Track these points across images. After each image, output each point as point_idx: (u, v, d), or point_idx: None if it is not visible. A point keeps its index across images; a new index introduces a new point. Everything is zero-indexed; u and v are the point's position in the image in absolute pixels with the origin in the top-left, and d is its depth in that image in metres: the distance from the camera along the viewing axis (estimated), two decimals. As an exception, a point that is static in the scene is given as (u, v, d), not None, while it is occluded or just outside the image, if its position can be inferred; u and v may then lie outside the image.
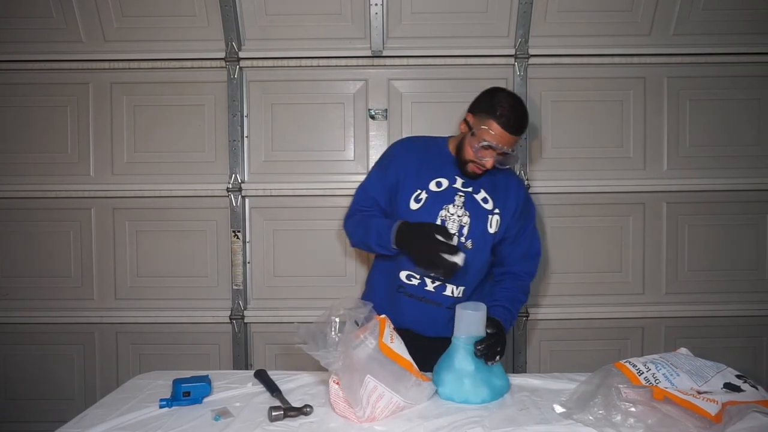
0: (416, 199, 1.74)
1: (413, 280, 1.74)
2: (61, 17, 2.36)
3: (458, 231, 1.72)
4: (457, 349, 1.47)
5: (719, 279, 2.47)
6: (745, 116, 2.45)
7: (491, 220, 1.75)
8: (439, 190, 1.74)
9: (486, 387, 1.43)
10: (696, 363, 1.35)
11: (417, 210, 1.72)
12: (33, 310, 2.44)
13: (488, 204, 1.75)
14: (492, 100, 1.70)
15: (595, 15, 2.38)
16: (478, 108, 1.72)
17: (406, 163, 1.77)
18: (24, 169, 2.43)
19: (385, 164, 1.81)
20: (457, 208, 1.73)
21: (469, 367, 1.44)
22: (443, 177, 1.75)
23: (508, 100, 1.69)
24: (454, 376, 1.44)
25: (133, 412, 1.35)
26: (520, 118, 1.69)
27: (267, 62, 2.40)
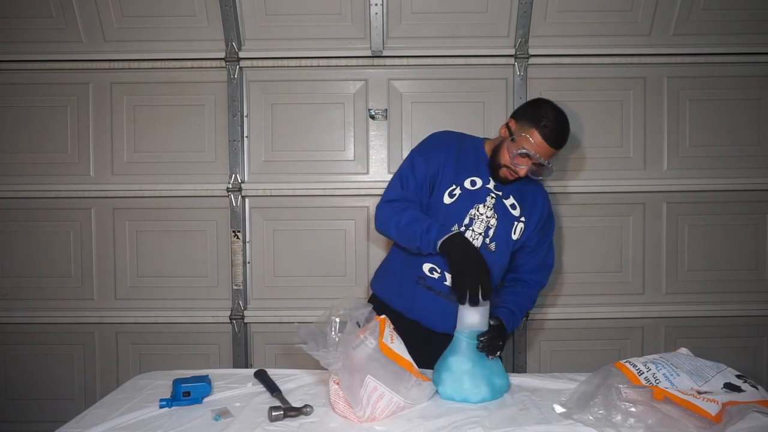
0: (450, 194, 1.74)
1: (435, 273, 1.75)
2: (61, 17, 2.36)
3: (484, 232, 1.73)
4: (458, 342, 1.47)
5: (719, 279, 2.47)
6: (745, 116, 2.45)
7: (516, 227, 1.77)
8: (473, 189, 1.75)
9: (486, 386, 1.43)
10: (696, 363, 1.35)
11: (450, 205, 1.74)
12: (33, 310, 2.44)
13: (516, 210, 1.77)
14: (538, 110, 1.71)
15: (595, 15, 2.38)
16: (522, 115, 1.73)
17: (447, 154, 1.76)
18: (24, 169, 2.43)
19: (427, 151, 1.79)
20: (486, 209, 1.75)
21: (468, 366, 1.44)
22: (478, 176, 1.76)
23: (553, 113, 1.70)
24: (453, 375, 1.44)
25: (133, 412, 1.35)
26: (562, 131, 1.70)
27: (267, 62, 2.40)
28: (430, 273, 1.75)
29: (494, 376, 1.46)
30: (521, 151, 1.67)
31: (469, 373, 1.44)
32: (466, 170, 1.76)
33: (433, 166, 1.75)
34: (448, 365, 1.47)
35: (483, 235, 1.74)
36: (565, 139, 1.72)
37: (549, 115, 1.68)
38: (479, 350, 1.46)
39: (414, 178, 1.74)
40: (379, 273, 1.93)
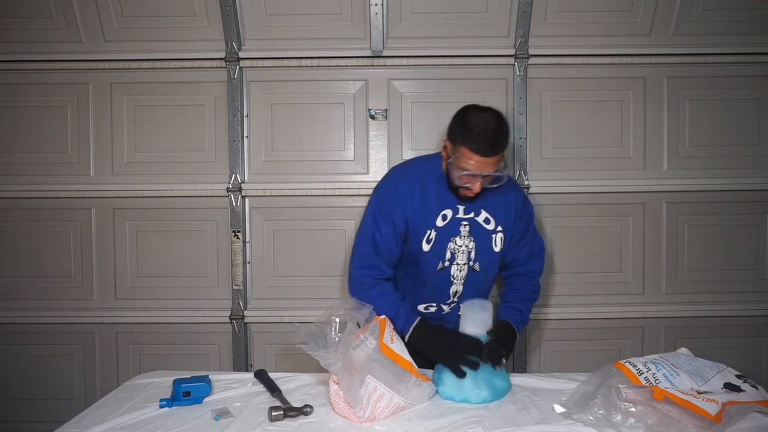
0: (428, 240, 1.71)
1: (431, 308, 1.81)
2: (61, 17, 2.36)
3: (467, 259, 1.74)
4: None
5: (719, 279, 2.47)
6: (745, 116, 2.45)
7: (495, 239, 1.76)
8: (445, 224, 1.71)
9: (486, 387, 1.43)
10: (696, 363, 1.35)
11: (429, 251, 1.72)
12: (33, 310, 2.44)
13: (490, 224, 1.75)
14: (462, 124, 1.60)
15: (595, 15, 2.38)
16: (452, 133, 1.63)
17: (413, 204, 1.69)
18: (24, 169, 2.43)
19: (390, 211, 1.70)
20: (463, 239, 1.73)
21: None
22: (447, 208, 1.71)
23: (477, 122, 1.57)
24: (454, 376, 1.45)
25: (133, 412, 1.35)
26: (492, 139, 1.56)
27: (267, 62, 2.40)
28: (426, 309, 1.80)
29: (495, 378, 1.46)
30: (463, 173, 1.58)
31: (470, 374, 1.44)
32: (435, 207, 1.70)
33: (400, 224, 1.69)
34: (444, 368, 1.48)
35: (467, 262, 1.75)
36: (501, 143, 1.58)
37: (474, 127, 1.56)
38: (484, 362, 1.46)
39: (382, 238, 1.70)
40: None
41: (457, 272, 1.75)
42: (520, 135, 2.40)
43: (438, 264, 1.73)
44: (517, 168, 2.40)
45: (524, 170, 2.41)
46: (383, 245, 1.69)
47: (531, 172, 2.42)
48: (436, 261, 1.73)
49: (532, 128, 2.43)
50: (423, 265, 1.74)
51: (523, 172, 2.40)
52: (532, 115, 2.43)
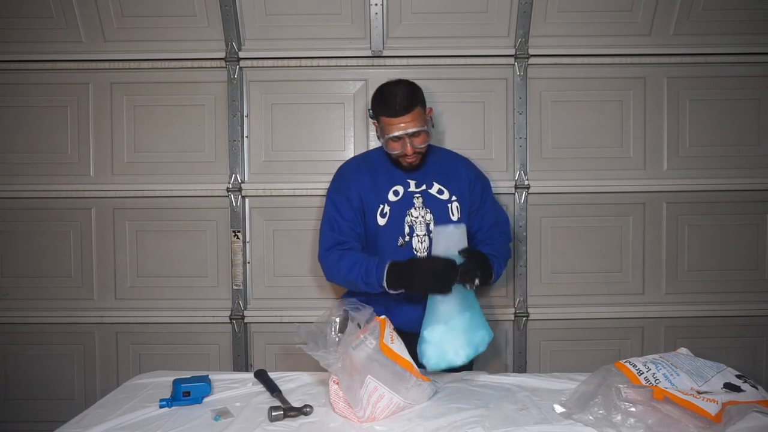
0: (381, 214, 1.80)
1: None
2: (61, 17, 2.36)
3: (426, 231, 1.79)
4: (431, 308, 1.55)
5: (719, 279, 2.47)
6: (745, 116, 2.45)
7: (451, 209, 1.82)
8: (398, 199, 1.81)
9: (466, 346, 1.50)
10: (696, 363, 1.35)
11: (385, 225, 1.80)
12: (33, 310, 2.44)
13: (444, 194, 1.83)
14: (374, 99, 1.78)
15: (595, 15, 2.38)
16: (372, 111, 1.79)
17: (362, 181, 1.82)
18: (24, 169, 2.43)
19: (343, 188, 1.84)
20: (418, 210, 1.80)
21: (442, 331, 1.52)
22: (397, 184, 1.82)
23: (382, 89, 1.76)
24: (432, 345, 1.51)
25: (133, 412, 1.35)
26: (397, 97, 1.70)
27: (267, 62, 2.40)
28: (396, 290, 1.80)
29: (473, 332, 1.54)
30: (388, 137, 1.72)
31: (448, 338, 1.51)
32: (385, 184, 1.82)
33: (355, 199, 1.80)
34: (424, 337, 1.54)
35: (426, 234, 1.79)
36: (409, 98, 1.71)
37: (379, 95, 1.75)
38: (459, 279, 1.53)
39: (342, 218, 1.79)
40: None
41: (419, 244, 1.80)
42: (520, 135, 2.41)
43: (398, 239, 1.80)
44: (517, 168, 2.40)
45: (524, 170, 2.41)
46: (344, 224, 1.79)
47: (531, 172, 2.42)
48: (395, 236, 1.79)
49: (532, 128, 2.43)
50: (383, 243, 1.80)
51: (523, 172, 2.40)
52: (532, 115, 2.43)
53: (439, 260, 1.58)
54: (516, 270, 2.43)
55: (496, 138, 2.43)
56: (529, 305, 2.44)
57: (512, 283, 2.45)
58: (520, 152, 2.41)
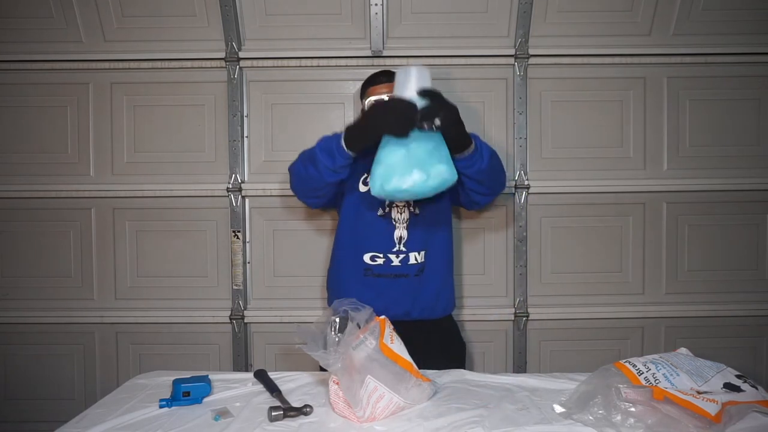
0: (364, 182, 1.80)
1: (377, 260, 1.80)
2: (61, 17, 2.36)
3: (406, 202, 1.79)
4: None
5: (719, 279, 2.47)
6: (745, 116, 2.45)
7: None
8: None
9: (418, 170, 1.39)
10: (696, 363, 1.35)
11: (367, 192, 1.78)
12: (33, 310, 2.44)
13: None
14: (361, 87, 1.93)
15: (595, 15, 2.38)
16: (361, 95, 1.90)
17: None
18: (24, 169, 2.43)
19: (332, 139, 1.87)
20: None
21: (400, 154, 1.42)
22: None
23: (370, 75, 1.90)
24: (382, 166, 1.44)
25: (133, 412, 1.35)
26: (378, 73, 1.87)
27: (267, 62, 2.40)
28: (373, 261, 1.80)
29: (431, 161, 1.41)
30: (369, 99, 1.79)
31: (401, 160, 1.41)
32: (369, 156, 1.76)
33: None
34: (376, 159, 1.47)
35: (405, 205, 1.80)
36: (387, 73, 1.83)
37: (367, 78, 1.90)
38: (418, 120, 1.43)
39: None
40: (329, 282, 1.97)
41: (398, 215, 1.80)
42: (520, 135, 2.41)
43: (377, 209, 1.81)
44: (517, 168, 2.40)
45: (524, 170, 2.41)
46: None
47: (531, 172, 2.42)
48: (375, 205, 1.80)
49: (532, 128, 2.43)
50: (363, 212, 1.80)
51: (523, 172, 2.40)
52: (532, 115, 2.43)
53: (397, 100, 1.50)
54: (516, 270, 2.43)
55: (496, 138, 2.43)
56: (529, 305, 2.44)
57: (512, 283, 2.45)
58: (520, 152, 2.41)
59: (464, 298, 2.43)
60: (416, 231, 1.82)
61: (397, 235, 1.81)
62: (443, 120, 1.47)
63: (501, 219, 2.44)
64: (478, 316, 2.42)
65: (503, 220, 2.44)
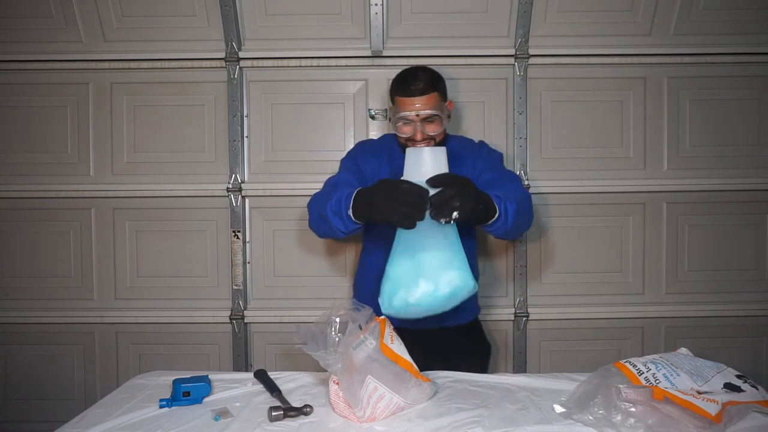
0: None
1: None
2: (61, 17, 2.36)
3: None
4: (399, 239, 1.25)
5: (719, 279, 2.47)
6: (745, 116, 2.45)
7: None
8: None
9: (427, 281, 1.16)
10: (696, 363, 1.35)
11: None
12: (33, 310, 2.44)
13: None
14: (395, 79, 1.77)
15: (595, 15, 2.38)
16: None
17: (377, 157, 1.82)
18: (24, 169, 2.43)
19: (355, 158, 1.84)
20: None
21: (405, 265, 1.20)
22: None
23: (404, 71, 1.75)
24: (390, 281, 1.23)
25: (133, 412, 1.35)
26: (412, 77, 1.69)
27: (267, 62, 2.40)
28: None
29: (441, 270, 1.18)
30: (398, 116, 1.69)
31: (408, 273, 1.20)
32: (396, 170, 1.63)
33: (365, 168, 1.78)
34: (386, 273, 1.26)
35: None
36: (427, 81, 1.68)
37: (401, 74, 1.74)
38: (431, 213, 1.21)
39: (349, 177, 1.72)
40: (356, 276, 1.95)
41: None
42: (520, 135, 2.41)
43: None
44: (518, 168, 2.40)
45: (524, 170, 2.41)
46: (345, 181, 1.69)
47: (531, 172, 2.42)
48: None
49: (532, 128, 2.43)
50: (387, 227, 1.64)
51: (523, 172, 2.40)
52: (532, 115, 2.43)
53: (407, 186, 1.27)
54: (516, 270, 2.43)
55: (496, 138, 2.43)
56: (529, 305, 2.44)
57: (512, 283, 2.45)
58: (520, 152, 2.41)
59: (464, 298, 2.44)
60: None
61: None
62: (460, 212, 1.26)
63: (501, 219, 2.44)
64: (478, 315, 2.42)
65: (503, 220, 2.44)
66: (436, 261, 1.24)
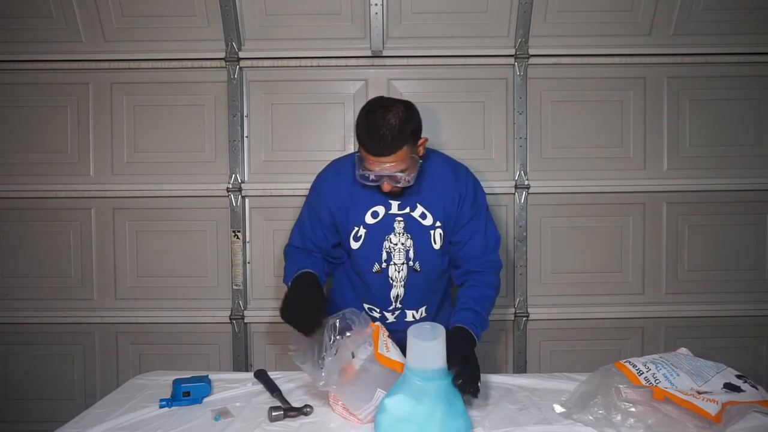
0: (355, 238, 1.66)
1: (374, 312, 1.72)
2: (61, 17, 2.36)
3: (405, 258, 1.66)
4: (407, 382, 1.22)
5: (719, 279, 2.47)
6: (745, 116, 2.45)
7: (434, 236, 1.66)
8: (377, 221, 1.64)
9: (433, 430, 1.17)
10: (696, 363, 1.35)
11: (359, 249, 1.66)
12: (33, 310, 2.44)
13: (427, 219, 1.65)
14: (359, 121, 1.51)
15: (595, 15, 2.38)
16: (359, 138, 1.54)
17: (339, 196, 1.66)
18: (24, 169, 2.43)
19: (316, 205, 1.71)
20: (398, 236, 1.65)
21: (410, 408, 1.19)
22: (378, 204, 1.64)
23: (369, 116, 1.49)
24: (391, 417, 1.20)
25: (133, 412, 1.35)
26: (378, 137, 1.45)
27: (267, 62, 2.40)
28: (370, 312, 1.72)
29: (449, 419, 1.20)
30: (365, 172, 1.51)
31: (410, 416, 1.19)
32: (363, 204, 1.64)
33: (326, 218, 1.68)
34: (384, 406, 1.23)
35: (405, 262, 1.66)
36: (396, 138, 1.45)
37: (366, 122, 1.48)
38: (460, 389, 1.25)
39: (311, 230, 1.71)
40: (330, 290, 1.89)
41: (396, 273, 1.67)
42: (520, 135, 2.41)
43: (373, 265, 1.66)
44: (518, 168, 2.40)
45: (524, 170, 2.41)
46: (309, 233, 1.72)
47: (531, 172, 2.42)
48: (370, 261, 1.66)
49: (532, 128, 2.43)
50: (358, 265, 1.69)
51: (523, 172, 2.40)
52: (532, 115, 2.43)
53: (303, 311, 1.43)
54: (516, 270, 2.43)
55: (496, 138, 2.43)
56: (529, 305, 2.44)
57: (512, 283, 2.45)
58: (520, 152, 2.41)
59: (464, 298, 2.44)
60: (415, 289, 1.69)
61: (394, 293, 1.69)
62: (474, 392, 1.31)
63: (501, 219, 2.44)
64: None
65: (503, 220, 2.44)
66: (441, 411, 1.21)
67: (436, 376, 1.21)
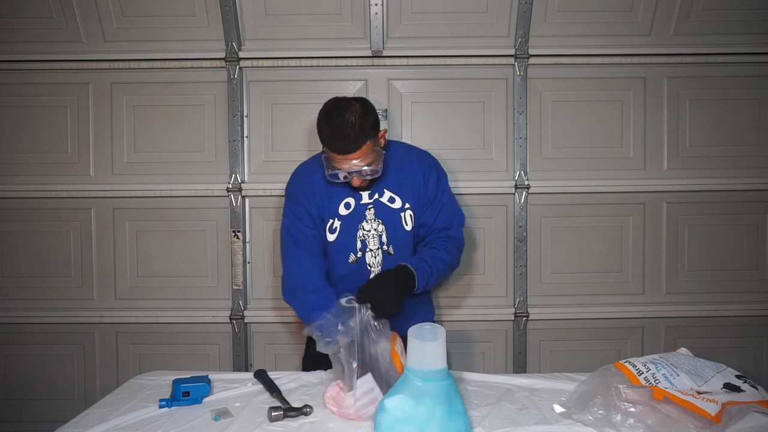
0: (331, 230, 1.72)
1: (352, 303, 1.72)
2: (61, 17, 2.36)
3: (379, 244, 1.72)
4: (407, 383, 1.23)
5: (719, 279, 2.47)
6: (745, 116, 2.45)
7: (404, 218, 1.74)
8: (349, 212, 1.72)
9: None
10: (696, 363, 1.35)
11: (335, 241, 1.72)
12: (33, 310, 2.44)
13: (396, 203, 1.73)
14: (319, 123, 1.60)
15: (595, 15, 2.38)
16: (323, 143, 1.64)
17: (318, 188, 1.72)
18: (24, 169, 2.43)
19: (301, 201, 1.74)
20: (371, 222, 1.72)
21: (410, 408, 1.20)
22: (349, 196, 1.72)
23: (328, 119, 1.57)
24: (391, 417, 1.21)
25: (133, 412, 1.35)
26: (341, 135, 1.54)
27: (267, 62, 2.40)
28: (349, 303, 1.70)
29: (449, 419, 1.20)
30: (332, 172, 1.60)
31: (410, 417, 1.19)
32: (337, 195, 1.71)
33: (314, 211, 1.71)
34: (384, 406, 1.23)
35: (380, 247, 1.72)
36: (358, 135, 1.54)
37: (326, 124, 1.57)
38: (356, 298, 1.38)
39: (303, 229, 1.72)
40: None
41: (372, 259, 1.73)
42: (520, 135, 2.41)
43: (349, 256, 1.72)
44: (518, 168, 2.40)
45: (524, 170, 2.41)
46: (302, 236, 1.71)
47: (531, 172, 2.42)
48: (345, 252, 1.72)
49: (532, 128, 2.43)
50: (335, 260, 1.73)
51: (523, 172, 2.40)
52: (532, 115, 2.43)
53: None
54: (516, 270, 2.43)
55: (496, 138, 2.43)
56: (529, 305, 2.44)
57: (512, 283, 2.45)
58: (520, 152, 2.41)
59: (464, 298, 2.44)
60: None
61: None
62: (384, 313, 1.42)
63: (501, 219, 2.44)
64: (478, 316, 2.42)
65: (503, 220, 2.44)
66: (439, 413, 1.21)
67: (436, 377, 1.22)
